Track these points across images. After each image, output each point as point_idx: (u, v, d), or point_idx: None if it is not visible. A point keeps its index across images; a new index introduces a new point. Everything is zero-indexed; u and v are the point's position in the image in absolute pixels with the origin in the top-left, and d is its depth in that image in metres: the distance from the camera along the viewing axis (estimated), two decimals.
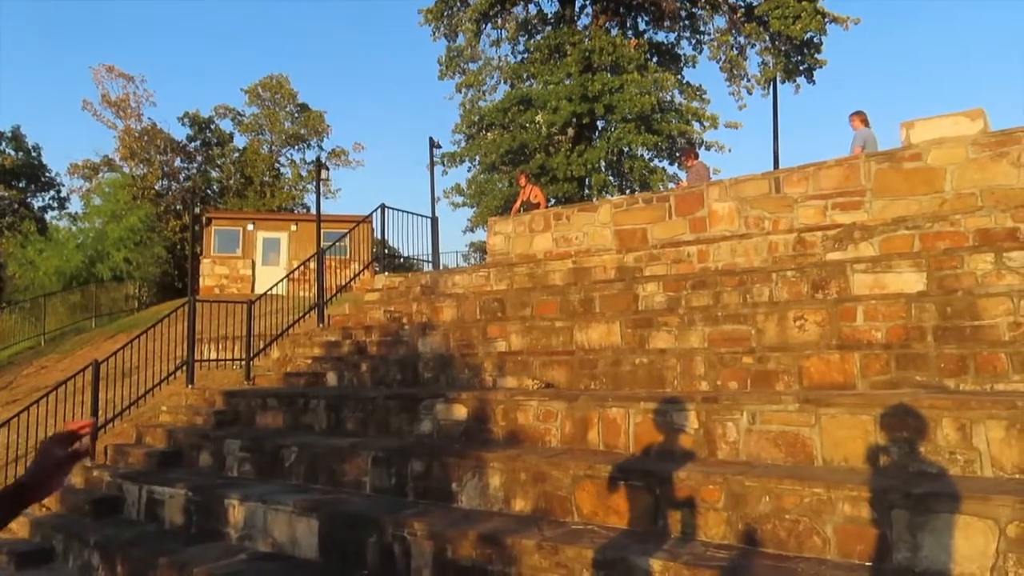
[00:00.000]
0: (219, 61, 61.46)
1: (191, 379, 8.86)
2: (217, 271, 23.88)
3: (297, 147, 37.28)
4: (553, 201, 18.77)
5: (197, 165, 34.91)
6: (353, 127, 69.80)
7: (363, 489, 5.31)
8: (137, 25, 57.80)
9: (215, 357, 9.90)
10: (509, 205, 17.40)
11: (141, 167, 32.15)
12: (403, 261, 14.04)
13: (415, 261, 13.50)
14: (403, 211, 11.54)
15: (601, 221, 9.10)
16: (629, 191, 21.40)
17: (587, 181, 21.17)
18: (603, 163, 21.45)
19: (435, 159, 21.88)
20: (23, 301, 21.65)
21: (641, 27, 23.43)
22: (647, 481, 3.98)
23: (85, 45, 56.17)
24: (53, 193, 35.52)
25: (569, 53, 20.68)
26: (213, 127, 35.51)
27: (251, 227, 24.75)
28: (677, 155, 20.72)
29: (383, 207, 11.09)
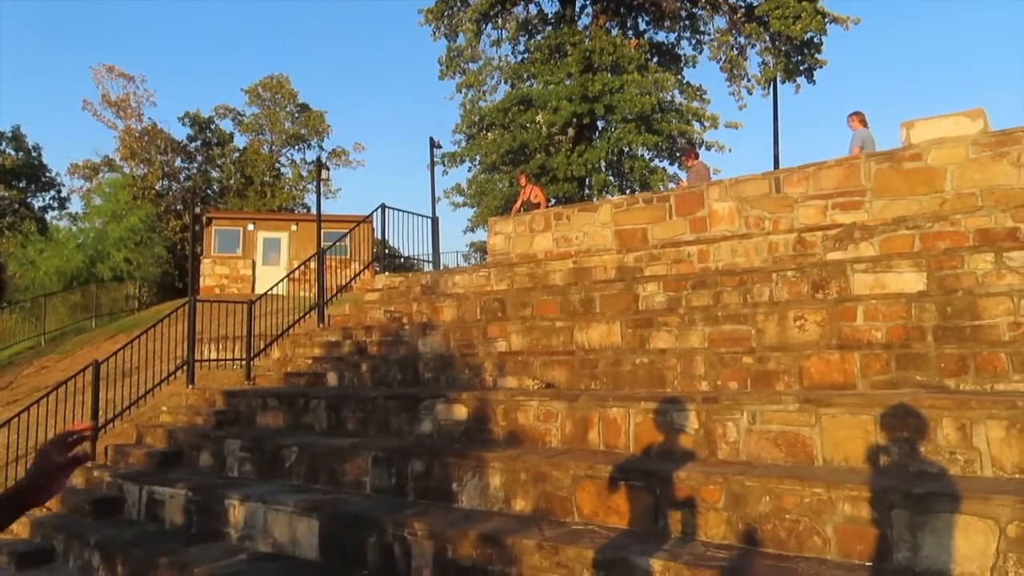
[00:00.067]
0: (219, 61, 61.58)
1: (191, 379, 8.86)
2: (217, 271, 23.89)
3: (297, 147, 37.34)
4: (553, 201, 18.77)
5: (197, 165, 34.95)
6: (353, 127, 69.95)
7: (363, 489, 5.31)
8: (137, 25, 57.95)
9: (215, 357, 9.90)
10: (509, 205, 17.40)
11: (141, 167, 32.18)
12: (403, 261, 14.06)
13: (415, 261, 13.52)
14: (403, 211, 11.58)
15: (601, 221, 9.10)
16: (629, 191, 21.40)
17: (587, 181, 21.16)
18: (603, 163, 21.45)
19: (435, 159, 21.92)
20: (23, 301, 21.66)
21: (641, 27, 23.44)
22: (647, 481, 3.98)
23: (85, 45, 56.29)
24: (53, 193, 35.63)
25: (569, 53, 20.68)
26: (213, 127, 35.55)
27: (251, 227, 24.75)
28: (677, 155, 20.72)
29: (383, 207, 11.10)
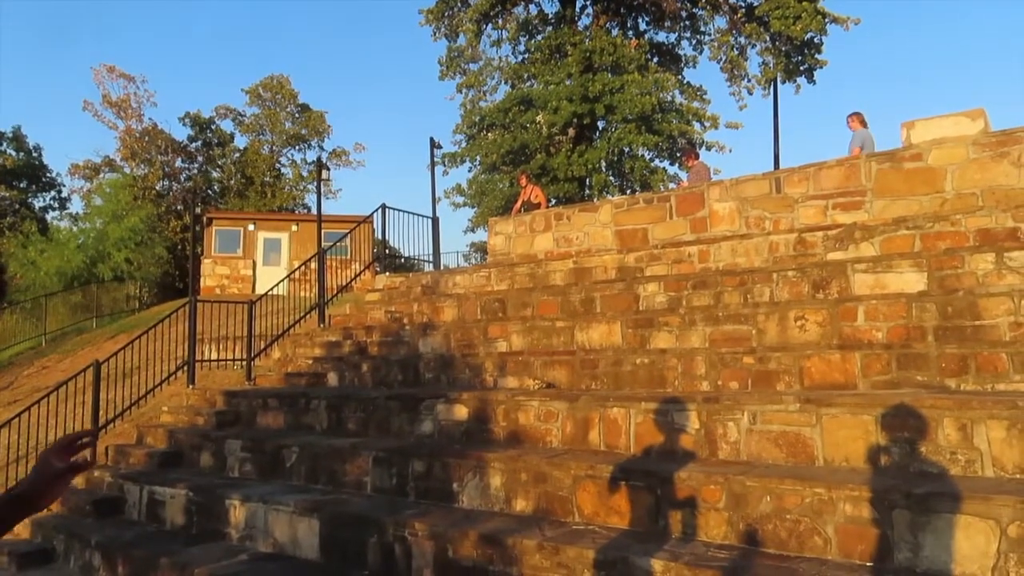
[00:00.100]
0: (220, 61, 61.57)
1: (192, 379, 8.86)
2: (218, 271, 23.89)
3: (298, 147, 37.35)
4: (554, 201, 18.77)
5: (198, 165, 34.96)
6: (354, 127, 69.95)
7: (364, 489, 5.31)
8: (137, 25, 57.93)
9: (216, 357, 9.90)
10: (510, 205, 17.40)
11: (142, 167, 32.19)
12: (404, 261, 14.07)
13: (416, 261, 13.53)
14: (404, 211, 11.60)
15: (602, 221, 9.10)
16: (630, 191, 21.40)
17: (588, 181, 21.16)
18: (604, 163, 21.44)
19: (436, 159, 21.91)
20: (24, 301, 21.64)
21: (642, 27, 23.44)
22: (648, 481, 3.98)
23: (85, 45, 56.28)
24: (54, 193, 35.62)
25: (570, 53, 20.67)
26: (214, 127, 35.56)
27: (252, 227, 24.76)
28: (678, 155, 20.72)
29: (384, 207, 11.11)
